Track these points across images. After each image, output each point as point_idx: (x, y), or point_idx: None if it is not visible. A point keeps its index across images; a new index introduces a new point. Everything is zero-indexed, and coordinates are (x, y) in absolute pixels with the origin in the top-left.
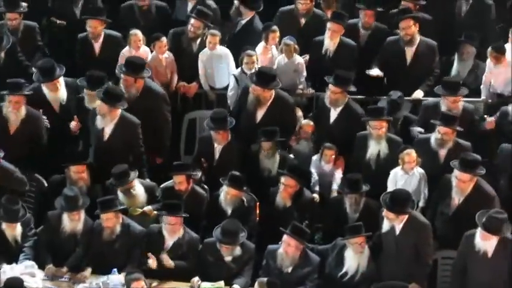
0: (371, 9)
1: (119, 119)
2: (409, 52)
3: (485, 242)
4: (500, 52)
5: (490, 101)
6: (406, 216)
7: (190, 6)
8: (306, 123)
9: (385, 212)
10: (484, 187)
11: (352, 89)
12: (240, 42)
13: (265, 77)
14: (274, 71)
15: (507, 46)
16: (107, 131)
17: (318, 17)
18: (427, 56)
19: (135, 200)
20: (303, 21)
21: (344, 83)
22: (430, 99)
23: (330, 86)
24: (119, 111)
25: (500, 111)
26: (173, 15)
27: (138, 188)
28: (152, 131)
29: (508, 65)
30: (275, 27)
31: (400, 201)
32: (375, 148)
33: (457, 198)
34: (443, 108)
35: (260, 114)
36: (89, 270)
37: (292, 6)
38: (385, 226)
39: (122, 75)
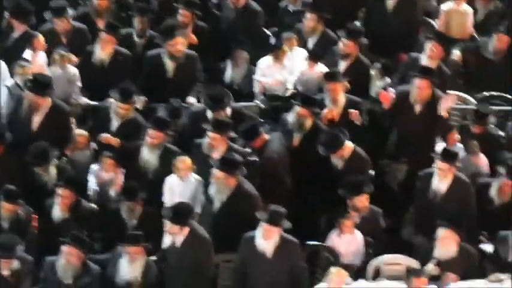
0: (143, 16)
1: None
2: (171, 64)
3: (265, 242)
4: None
5: (263, 105)
6: (188, 230)
7: None
8: (80, 133)
9: (169, 227)
10: (245, 187)
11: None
12: (14, 56)
13: (40, 85)
14: (49, 79)
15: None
16: None
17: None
18: (188, 66)
19: None
20: None
21: (130, 96)
22: (199, 106)
23: (118, 103)
24: None
25: (281, 120)
26: None
27: None
28: None
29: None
30: (37, 33)
31: (182, 213)
32: (151, 157)
33: (218, 198)
34: (209, 115)
35: (36, 122)
36: None
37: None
38: (167, 240)
39: None
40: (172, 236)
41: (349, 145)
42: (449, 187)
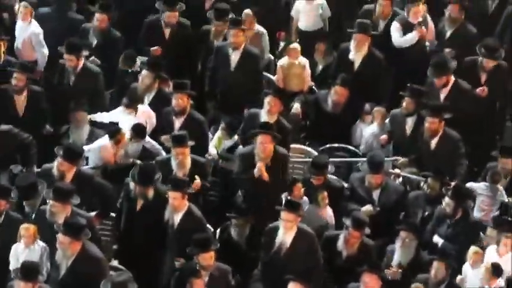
0: None
1: None
2: None
3: None
4: None
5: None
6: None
7: None
8: None
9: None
10: (90, 250)
11: None
12: None
13: None
14: None
15: None
16: None
17: None
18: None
19: None
20: None
21: None
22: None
23: None
24: None
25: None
26: None
27: None
28: None
29: None
30: None
31: (31, 270)
32: None
33: (63, 263)
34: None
35: None
36: None
37: None
38: None
39: None
40: None
41: (185, 202)
42: (293, 240)
